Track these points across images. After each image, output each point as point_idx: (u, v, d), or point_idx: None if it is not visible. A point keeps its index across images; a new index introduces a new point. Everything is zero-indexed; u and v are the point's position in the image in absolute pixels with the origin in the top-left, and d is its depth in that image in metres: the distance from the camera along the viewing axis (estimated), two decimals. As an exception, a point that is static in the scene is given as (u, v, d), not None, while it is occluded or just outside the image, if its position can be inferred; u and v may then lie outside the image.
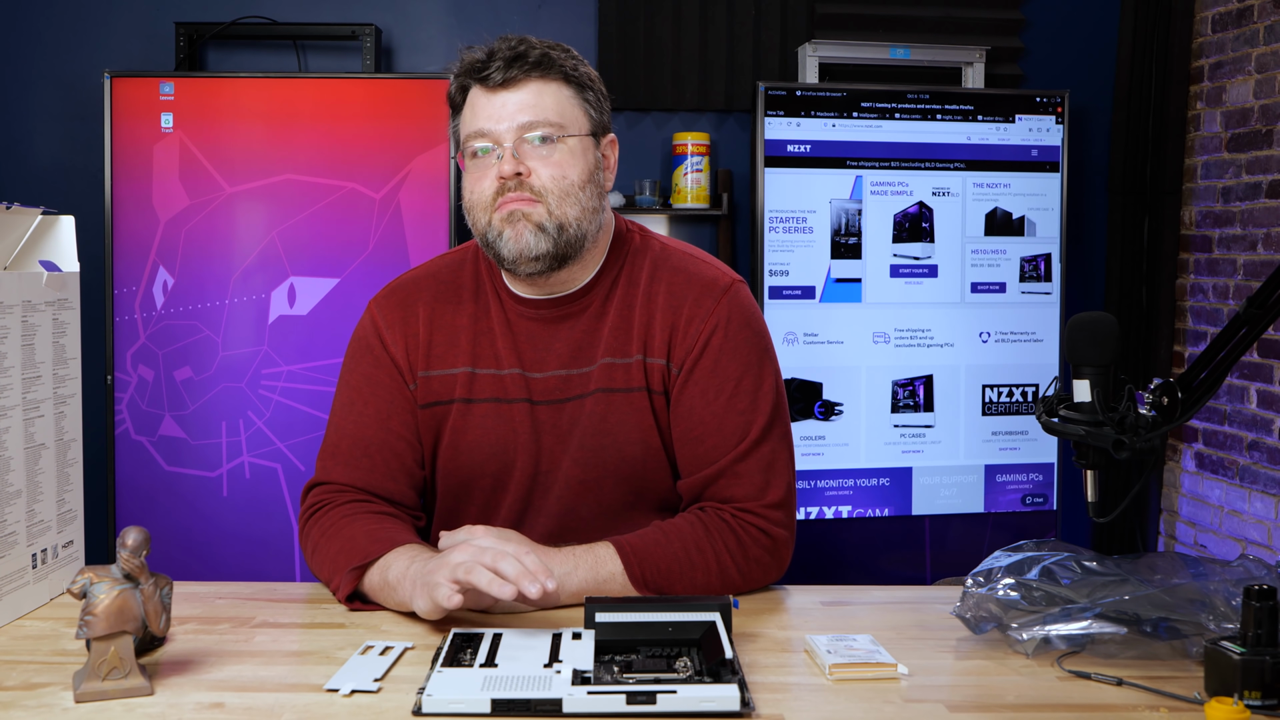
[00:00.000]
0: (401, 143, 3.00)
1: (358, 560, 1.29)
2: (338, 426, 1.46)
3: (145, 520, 2.92)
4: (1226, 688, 1.02)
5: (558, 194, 1.35)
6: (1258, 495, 3.17)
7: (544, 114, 1.36)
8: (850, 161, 3.20)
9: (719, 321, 1.41)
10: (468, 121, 1.39)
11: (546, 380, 1.43)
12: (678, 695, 0.99)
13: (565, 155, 1.37)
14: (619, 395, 1.41)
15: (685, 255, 1.48)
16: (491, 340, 1.45)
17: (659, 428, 1.42)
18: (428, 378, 1.45)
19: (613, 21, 3.38)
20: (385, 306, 1.49)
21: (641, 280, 1.44)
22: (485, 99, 1.37)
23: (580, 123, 1.39)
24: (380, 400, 1.45)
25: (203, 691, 1.05)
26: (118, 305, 2.97)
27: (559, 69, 1.38)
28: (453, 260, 1.52)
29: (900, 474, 3.24)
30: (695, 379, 1.40)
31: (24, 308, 1.28)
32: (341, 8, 3.37)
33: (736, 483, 1.37)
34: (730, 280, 1.45)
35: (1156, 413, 1.22)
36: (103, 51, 3.32)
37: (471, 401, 1.44)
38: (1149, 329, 3.51)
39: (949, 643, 1.21)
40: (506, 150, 1.35)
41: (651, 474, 1.43)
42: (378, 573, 1.28)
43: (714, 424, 1.39)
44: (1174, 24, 3.44)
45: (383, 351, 1.46)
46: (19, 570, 1.27)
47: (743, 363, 1.41)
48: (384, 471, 1.43)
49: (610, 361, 1.42)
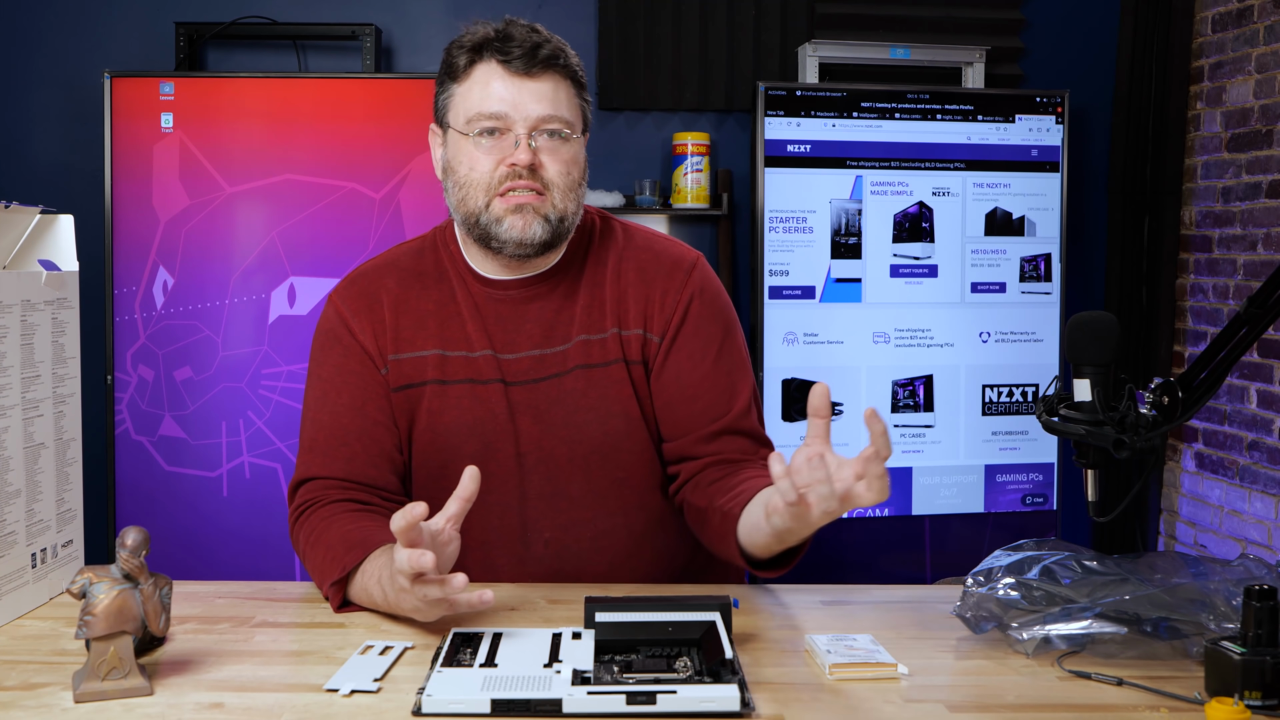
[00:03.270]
0: (401, 143, 3.00)
1: (336, 574, 1.28)
2: (314, 420, 1.46)
3: (145, 520, 2.92)
4: (1227, 688, 1.01)
5: (563, 188, 1.39)
6: (1258, 495, 3.17)
7: (560, 110, 1.39)
8: (850, 161, 3.20)
9: (694, 291, 1.48)
10: (478, 98, 1.39)
11: (520, 361, 1.45)
12: (678, 695, 0.99)
13: (571, 151, 1.40)
14: (598, 370, 1.45)
15: (649, 235, 1.54)
16: (461, 324, 1.46)
17: (638, 398, 1.46)
18: (398, 361, 1.46)
19: (613, 21, 3.38)
20: (347, 296, 1.49)
21: (609, 260, 1.49)
22: (504, 82, 1.38)
23: (580, 121, 1.43)
24: (353, 388, 1.45)
25: (202, 691, 1.05)
26: (118, 305, 2.97)
27: (569, 67, 1.41)
28: (412, 248, 1.53)
29: (900, 474, 3.24)
30: (680, 344, 1.46)
31: (23, 307, 1.28)
32: (341, 8, 3.37)
33: (745, 435, 1.45)
34: (695, 255, 1.52)
35: (1157, 412, 1.22)
36: (103, 51, 3.32)
37: (446, 383, 1.44)
38: (1149, 329, 3.51)
39: (949, 642, 1.21)
40: (522, 138, 1.37)
41: (635, 446, 1.46)
42: (359, 582, 1.28)
43: (706, 384, 1.45)
44: (1174, 24, 3.44)
45: (351, 340, 1.46)
46: (18, 570, 1.27)
47: (722, 327, 1.49)
48: (364, 459, 1.43)
49: (586, 338, 1.45)
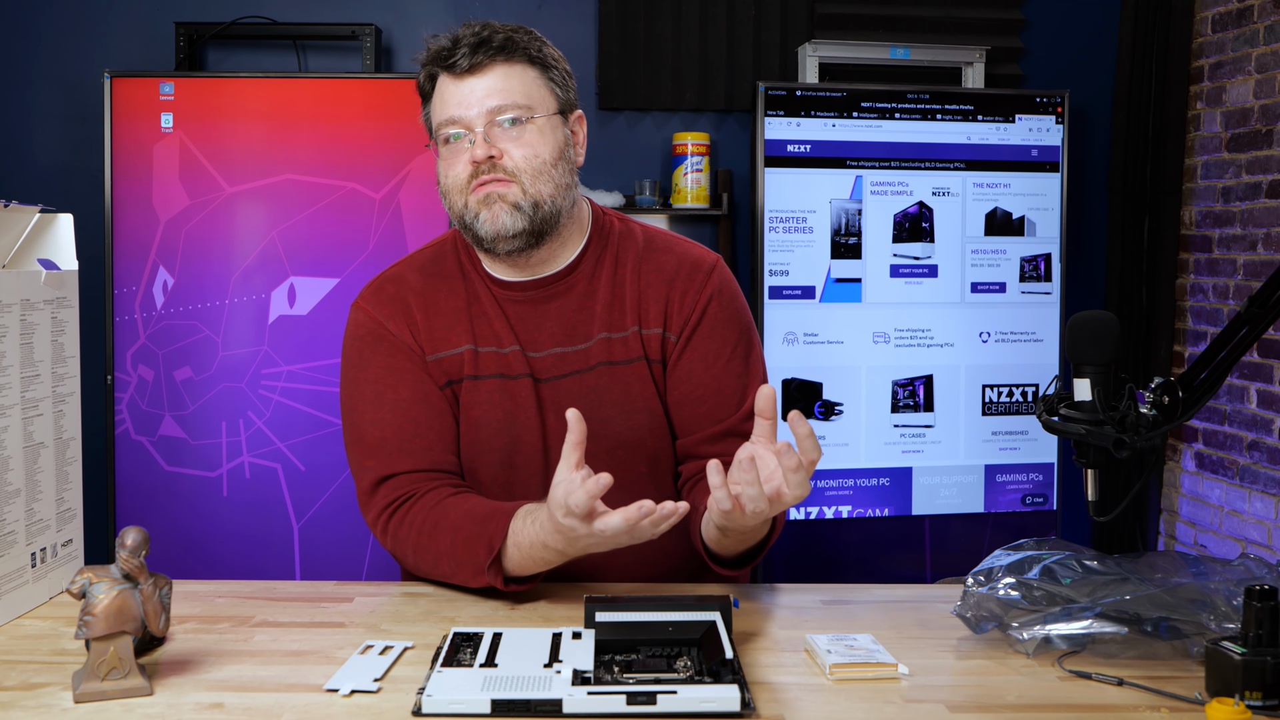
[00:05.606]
0: (401, 143, 3.00)
1: (484, 552, 1.29)
2: (375, 420, 1.45)
3: (145, 520, 2.92)
4: (1227, 688, 1.01)
5: (530, 173, 1.39)
6: (1258, 495, 3.17)
7: (512, 96, 1.39)
8: (850, 161, 3.20)
9: (713, 292, 1.48)
10: (438, 109, 1.42)
11: (544, 359, 1.46)
12: (678, 695, 0.99)
13: (535, 135, 1.40)
14: (621, 367, 1.46)
15: (669, 237, 1.55)
16: (488, 321, 1.47)
17: (660, 396, 1.48)
18: (437, 360, 1.46)
19: (613, 21, 3.38)
20: (377, 301, 1.50)
21: (629, 260, 1.49)
22: (454, 86, 1.40)
23: (547, 102, 1.42)
24: (411, 383, 1.45)
25: (202, 691, 1.05)
26: (118, 305, 2.97)
27: (523, 51, 1.41)
28: (433, 252, 1.54)
29: (900, 474, 3.24)
30: (695, 344, 1.47)
31: (22, 306, 1.28)
32: (341, 8, 3.37)
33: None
34: (715, 257, 1.53)
35: (1157, 412, 1.22)
36: (103, 51, 3.32)
37: (479, 378, 1.46)
38: (1149, 329, 3.51)
39: (949, 642, 1.21)
40: (478, 135, 1.38)
41: (658, 441, 1.48)
42: (514, 548, 1.28)
43: (715, 385, 1.46)
44: (1174, 24, 3.44)
45: (394, 339, 1.47)
46: (18, 569, 1.27)
47: (737, 330, 1.49)
48: (440, 447, 1.44)
49: (608, 336, 1.46)
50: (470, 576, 1.32)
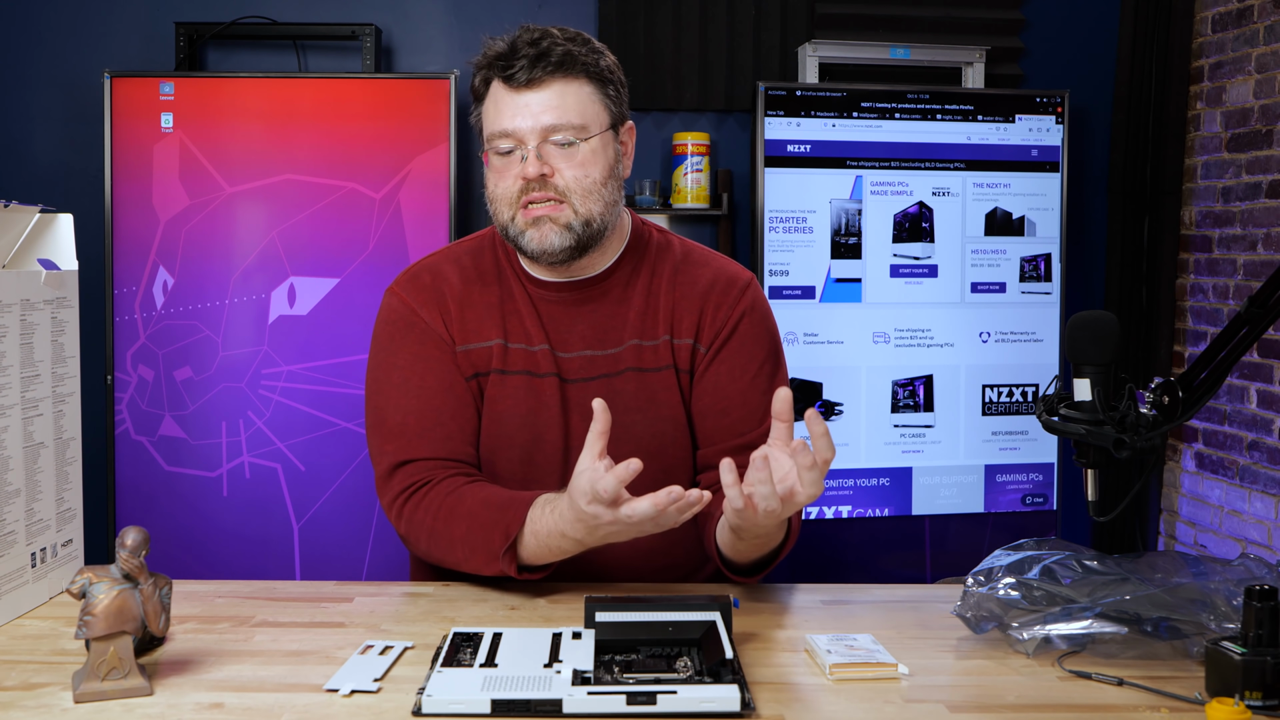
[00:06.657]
0: (401, 143, 3.00)
1: (500, 539, 1.29)
2: (399, 406, 1.45)
3: (145, 520, 2.92)
4: (1227, 688, 1.01)
5: (581, 193, 1.39)
6: (1258, 495, 3.17)
7: (567, 116, 1.38)
8: (850, 161, 3.20)
9: (746, 308, 1.50)
10: (491, 118, 1.41)
11: (573, 360, 1.47)
12: (678, 695, 0.99)
13: (588, 155, 1.39)
14: (649, 374, 1.47)
15: (706, 252, 1.56)
16: (520, 319, 1.48)
17: (685, 405, 1.49)
18: (467, 351, 1.47)
19: (613, 21, 3.38)
20: (412, 289, 1.50)
21: (665, 271, 1.50)
22: (509, 97, 1.39)
23: (601, 119, 1.42)
24: (438, 373, 1.45)
25: (202, 691, 1.05)
26: (118, 305, 2.97)
27: (581, 66, 1.40)
28: (472, 246, 1.54)
29: (900, 474, 3.24)
30: (723, 357, 1.48)
31: (22, 306, 1.28)
32: (341, 8, 3.37)
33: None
34: (750, 276, 1.55)
35: (1157, 412, 1.22)
36: (103, 51, 3.32)
37: (506, 373, 1.46)
38: (1149, 329, 3.51)
39: (949, 642, 1.21)
40: (530, 152, 1.37)
41: (679, 450, 1.49)
42: (530, 536, 1.28)
43: (739, 399, 1.47)
44: (1174, 24, 3.44)
45: (426, 327, 1.47)
46: (18, 569, 1.27)
47: (766, 348, 1.51)
48: (460, 438, 1.44)
49: (638, 343, 1.47)
50: (484, 563, 1.32)
